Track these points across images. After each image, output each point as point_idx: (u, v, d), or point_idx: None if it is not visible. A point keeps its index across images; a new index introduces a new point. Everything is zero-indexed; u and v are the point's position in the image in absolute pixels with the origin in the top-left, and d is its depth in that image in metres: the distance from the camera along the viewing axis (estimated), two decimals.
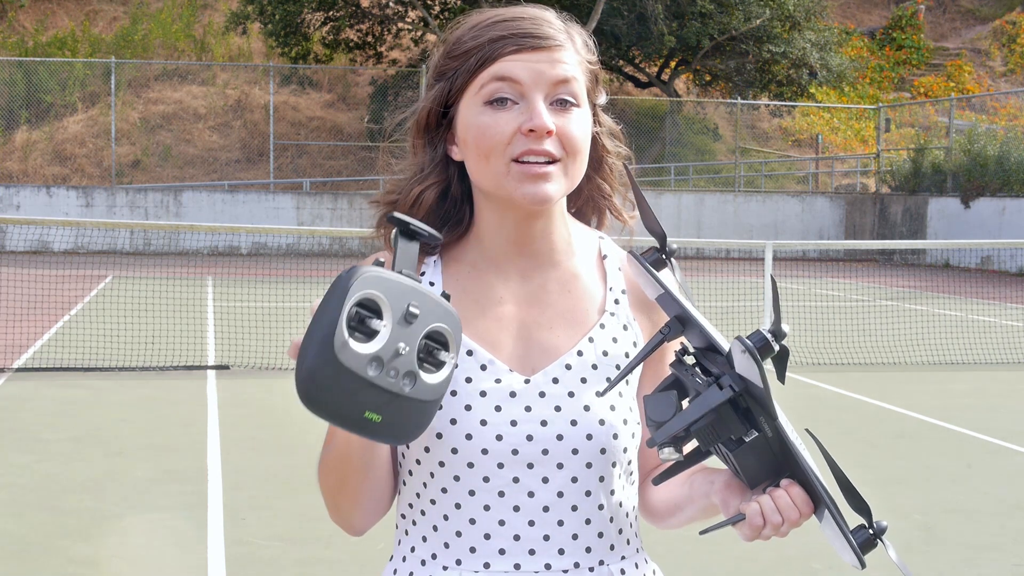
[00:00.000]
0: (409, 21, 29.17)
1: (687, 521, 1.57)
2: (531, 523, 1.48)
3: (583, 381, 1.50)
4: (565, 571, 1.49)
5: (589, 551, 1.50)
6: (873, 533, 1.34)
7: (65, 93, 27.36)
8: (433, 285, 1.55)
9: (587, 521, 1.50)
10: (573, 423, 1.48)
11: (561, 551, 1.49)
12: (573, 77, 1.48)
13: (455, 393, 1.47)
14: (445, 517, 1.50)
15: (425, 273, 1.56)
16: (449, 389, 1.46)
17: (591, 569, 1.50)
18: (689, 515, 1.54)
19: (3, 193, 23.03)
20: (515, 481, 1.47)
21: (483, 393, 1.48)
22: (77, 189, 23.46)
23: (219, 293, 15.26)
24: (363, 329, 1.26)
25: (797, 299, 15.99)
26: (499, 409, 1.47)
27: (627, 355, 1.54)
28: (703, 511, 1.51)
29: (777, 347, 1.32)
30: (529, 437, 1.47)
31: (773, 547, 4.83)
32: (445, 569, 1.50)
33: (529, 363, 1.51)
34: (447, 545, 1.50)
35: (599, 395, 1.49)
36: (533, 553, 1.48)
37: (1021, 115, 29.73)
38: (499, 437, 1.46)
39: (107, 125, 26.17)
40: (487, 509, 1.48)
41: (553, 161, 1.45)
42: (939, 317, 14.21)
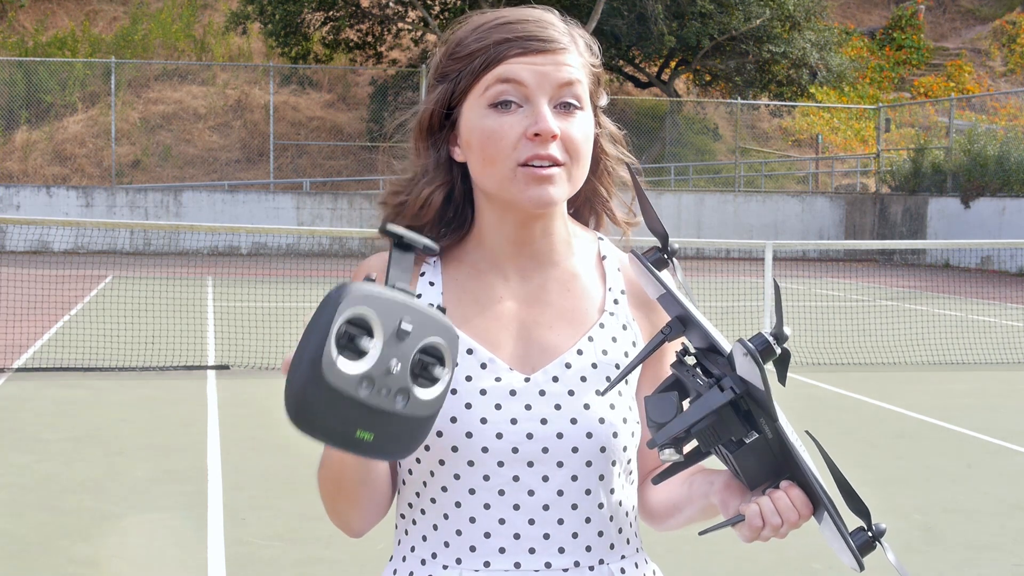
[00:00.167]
0: (409, 21, 29.18)
1: (686, 522, 1.57)
2: (531, 521, 1.48)
3: (583, 380, 1.50)
4: (565, 570, 1.49)
5: (589, 550, 1.50)
6: (872, 535, 1.35)
7: (65, 93, 27.36)
8: (433, 285, 1.55)
9: (587, 520, 1.50)
10: (573, 421, 1.48)
11: (561, 550, 1.49)
12: (577, 80, 1.48)
13: (455, 391, 1.48)
14: (445, 516, 1.50)
15: (425, 273, 1.57)
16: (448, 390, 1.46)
17: (591, 568, 1.50)
18: (688, 516, 1.54)
19: (3, 193, 23.03)
20: (515, 479, 1.47)
21: (483, 391, 1.48)
22: (77, 189, 23.46)
23: (219, 293, 15.27)
24: (353, 347, 1.22)
25: (797, 299, 15.99)
26: (499, 407, 1.47)
27: (626, 354, 1.54)
28: (702, 512, 1.51)
29: (779, 350, 1.33)
30: (529, 435, 1.47)
31: (773, 548, 4.83)
32: (445, 568, 1.50)
33: (529, 362, 1.51)
34: (447, 544, 1.50)
35: (599, 394, 1.49)
36: (533, 552, 1.48)
37: (1021, 115, 29.73)
38: (499, 435, 1.46)
39: (107, 125, 26.17)
40: (487, 507, 1.48)
41: (557, 164, 1.46)
42: (939, 317, 14.21)
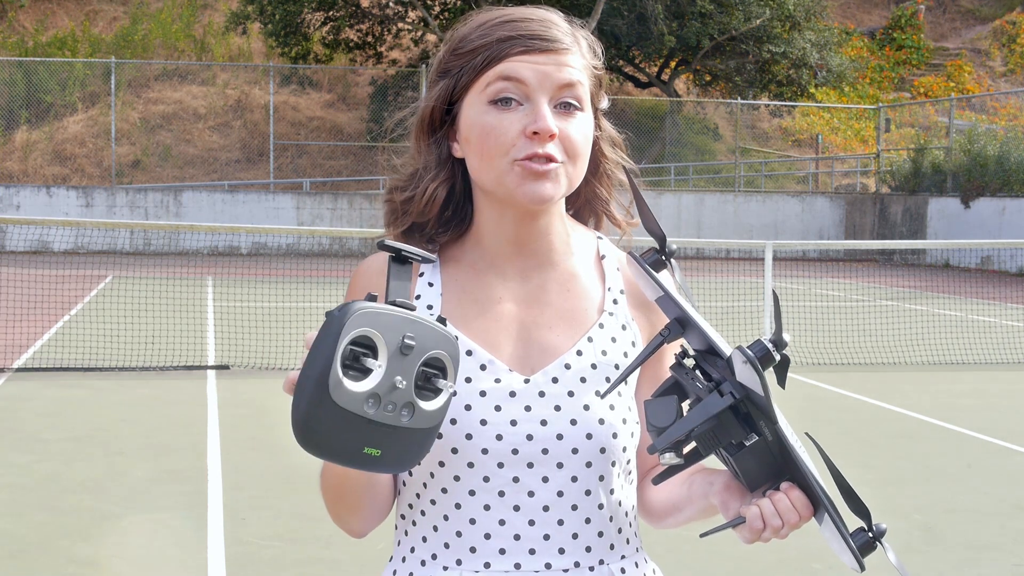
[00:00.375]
0: (409, 21, 29.18)
1: (685, 521, 1.57)
2: (531, 522, 1.48)
3: (583, 381, 1.50)
4: (565, 570, 1.49)
5: (589, 550, 1.50)
6: (872, 536, 1.35)
7: (65, 93, 27.36)
8: (432, 286, 1.55)
9: (587, 520, 1.50)
10: (573, 422, 1.48)
11: (561, 550, 1.49)
12: (578, 81, 1.48)
13: (455, 393, 1.47)
14: (445, 517, 1.50)
15: (424, 274, 1.57)
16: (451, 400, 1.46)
17: (591, 568, 1.50)
18: (688, 515, 1.54)
19: (3, 193, 23.03)
20: (515, 481, 1.47)
21: (483, 393, 1.48)
22: (77, 189, 23.46)
23: (219, 293, 15.26)
24: (358, 367, 1.24)
25: (797, 299, 15.98)
26: (499, 409, 1.47)
27: (626, 355, 1.54)
28: (702, 512, 1.51)
29: (778, 356, 1.33)
30: (529, 436, 1.47)
31: (773, 548, 4.83)
32: (445, 569, 1.50)
33: (528, 363, 1.51)
34: (447, 545, 1.50)
35: (599, 396, 1.49)
36: (533, 553, 1.48)
37: (1021, 115, 29.73)
38: (499, 437, 1.46)
39: (107, 125, 26.17)
40: (487, 509, 1.48)
41: (554, 162, 1.46)
42: (939, 317, 14.21)
